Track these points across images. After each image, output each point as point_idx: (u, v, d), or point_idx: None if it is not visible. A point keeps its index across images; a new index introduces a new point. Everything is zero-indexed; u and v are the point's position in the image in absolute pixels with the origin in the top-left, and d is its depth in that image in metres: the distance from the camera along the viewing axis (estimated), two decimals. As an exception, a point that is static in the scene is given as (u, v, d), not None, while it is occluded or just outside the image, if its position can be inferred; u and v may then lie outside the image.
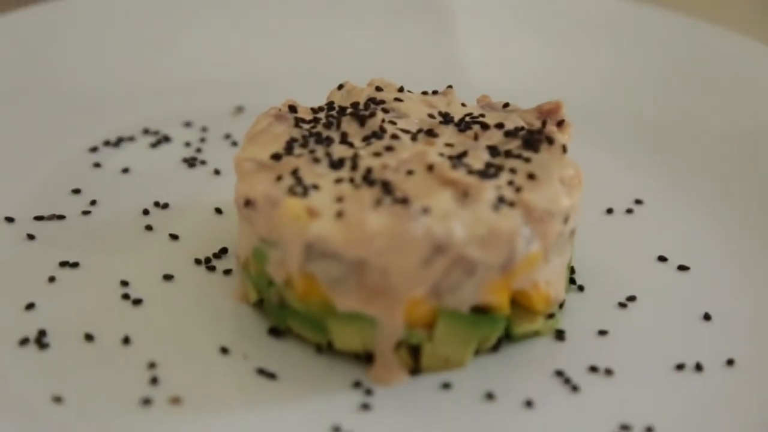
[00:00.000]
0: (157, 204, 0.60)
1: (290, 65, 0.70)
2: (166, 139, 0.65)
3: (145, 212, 0.59)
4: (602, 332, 0.53)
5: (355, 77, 0.59)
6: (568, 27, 0.71)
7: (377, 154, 0.52)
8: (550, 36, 0.71)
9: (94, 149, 0.63)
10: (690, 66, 0.69)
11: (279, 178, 0.51)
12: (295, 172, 0.51)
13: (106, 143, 0.64)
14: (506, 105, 0.56)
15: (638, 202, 0.61)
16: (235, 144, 0.65)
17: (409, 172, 0.51)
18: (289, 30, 0.72)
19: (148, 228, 0.58)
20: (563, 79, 0.68)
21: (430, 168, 0.51)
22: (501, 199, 0.50)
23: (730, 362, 0.51)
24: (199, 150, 0.64)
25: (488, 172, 0.51)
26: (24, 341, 0.51)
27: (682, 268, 0.57)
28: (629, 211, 0.61)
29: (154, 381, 0.49)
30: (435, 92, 0.58)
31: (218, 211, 0.59)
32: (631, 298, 0.55)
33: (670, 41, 0.70)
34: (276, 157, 0.52)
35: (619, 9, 0.71)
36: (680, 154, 0.65)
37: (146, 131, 0.65)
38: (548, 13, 0.72)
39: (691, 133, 0.66)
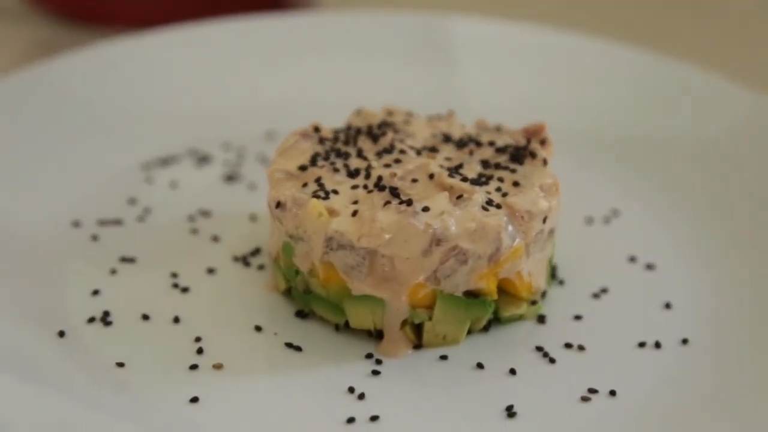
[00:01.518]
0: (200, 212, 0.64)
1: (315, 96, 0.73)
2: (208, 158, 0.69)
3: (191, 218, 0.63)
4: (577, 317, 0.57)
5: (370, 105, 0.63)
6: (552, 62, 0.74)
7: (387, 165, 0.56)
8: (536, 69, 0.74)
9: (147, 166, 0.67)
10: (657, 93, 0.71)
11: (305, 184, 0.55)
12: (318, 180, 0.55)
13: (157, 161, 0.68)
14: (499, 127, 0.60)
15: (615, 211, 0.65)
16: (265, 162, 0.68)
17: (414, 180, 0.55)
18: (315, 66, 0.75)
19: (193, 231, 0.62)
20: (548, 105, 0.71)
21: (431, 176, 0.55)
22: (489, 202, 0.54)
23: (684, 341, 0.55)
24: (236, 168, 0.68)
25: (479, 180, 0.55)
26: (91, 320, 0.55)
27: (649, 266, 0.61)
28: (606, 219, 0.65)
29: (200, 351, 0.54)
30: (439, 116, 0.62)
31: (252, 218, 0.63)
32: (604, 290, 0.59)
33: (638, 73, 0.73)
34: (302, 168, 0.56)
35: (593, 48, 0.74)
36: (651, 169, 0.68)
37: (191, 152, 0.69)
38: (535, 51, 0.75)
39: (660, 151, 0.69)
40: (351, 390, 0.53)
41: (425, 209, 0.53)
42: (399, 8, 0.86)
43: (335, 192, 0.55)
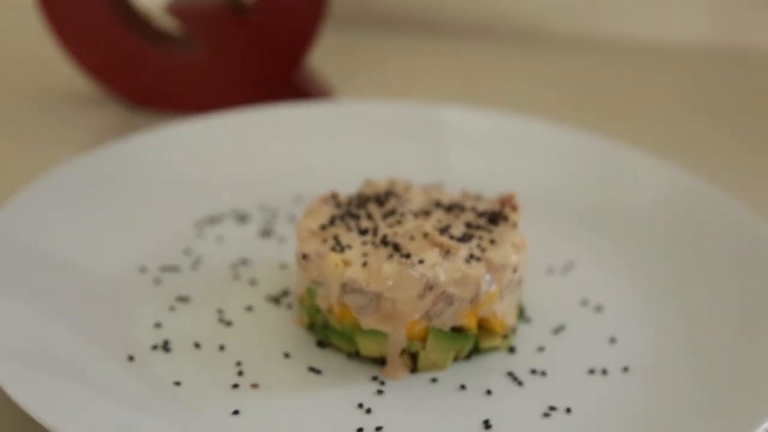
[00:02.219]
0: (241, 260, 0.65)
1: (333, 167, 0.73)
2: (247, 217, 0.69)
3: (233, 266, 0.64)
4: (541, 348, 0.58)
5: (377, 176, 0.65)
6: (521, 143, 0.74)
7: (390, 226, 0.57)
8: (509, 149, 0.74)
9: (198, 224, 0.68)
10: (605, 168, 0.72)
11: (325, 240, 0.57)
12: (335, 237, 0.57)
13: (207, 219, 0.68)
14: (479, 196, 0.61)
15: (570, 263, 0.66)
16: (293, 222, 0.68)
17: (411, 238, 0.56)
18: (333, 144, 0.75)
19: (235, 276, 0.63)
20: (518, 178, 0.72)
21: (425, 235, 0.56)
22: (471, 256, 0.55)
23: (625, 369, 0.57)
24: (270, 225, 0.68)
25: (464, 239, 0.56)
26: (154, 347, 0.57)
27: (598, 308, 0.62)
28: (564, 269, 0.65)
29: (240, 373, 0.55)
30: (432, 186, 0.63)
31: (282, 266, 0.64)
32: (562, 327, 0.60)
33: (590, 152, 0.73)
34: (323, 227, 0.57)
35: (554, 132, 0.74)
36: (599, 229, 0.68)
37: (234, 212, 0.70)
38: (507, 134, 0.75)
39: (606, 214, 0.69)
40: (360, 405, 0.54)
41: (421, 261, 0.55)
42: (400, 98, 0.88)
43: (349, 247, 0.56)
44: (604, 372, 0.57)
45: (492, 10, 1.04)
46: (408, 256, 0.55)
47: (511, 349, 0.59)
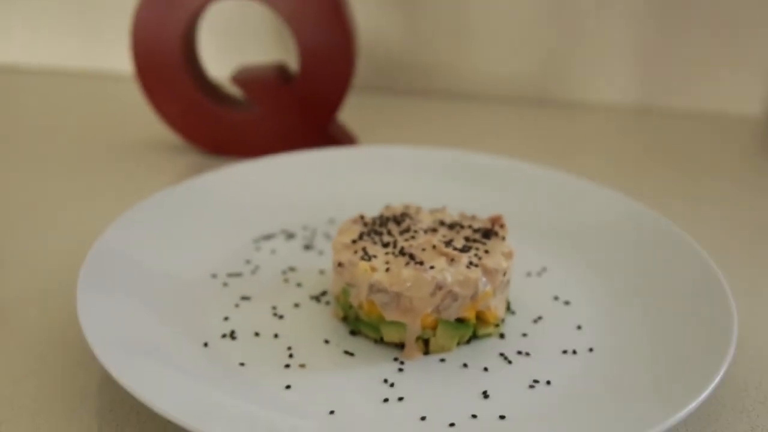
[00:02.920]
0: (289, 268, 0.62)
1: (359, 197, 0.70)
2: (294, 235, 0.67)
3: (284, 272, 0.62)
4: (524, 334, 0.56)
5: (394, 202, 0.63)
6: (505, 180, 0.71)
7: (406, 240, 0.55)
8: (496, 183, 0.71)
9: (256, 240, 0.65)
10: (566, 199, 0.68)
11: (355, 252, 0.54)
12: (364, 249, 0.55)
13: (262, 237, 0.66)
14: (474, 216, 0.59)
15: (544, 268, 0.63)
16: (329, 238, 0.66)
17: (423, 249, 0.54)
18: (359, 179, 0.72)
19: (285, 280, 0.61)
20: (504, 204, 0.69)
21: (434, 247, 0.54)
22: (471, 263, 0.53)
23: (591, 350, 0.54)
24: (311, 241, 0.66)
25: (464, 249, 0.54)
26: (224, 335, 0.54)
27: (567, 302, 0.59)
28: (539, 273, 0.63)
29: (291, 356, 0.53)
30: (437, 209, 0.60)
31: (321, 272, 0.62)
32: (540, 317, 0.57)
33: (555, 188, 0.70)
34: (354, 241, 0.56)
35: (531, 172, 0.71)
36: (565, 243, 0.65)
37: (283, 231, 0.67)
38: (495, 172, 0.72)
39: (571, 232, 0.66)
40: (385, 380, 0.51)
41: (432, 267, 0.52)
42: (408, 143, 0.86)
43: (375, 256, 0.54)
44: (575, 352, 0.54)
45: (483, 78, 1.01)
46: (421, 263, 0.53)
47: (502, 335, 0.56)
